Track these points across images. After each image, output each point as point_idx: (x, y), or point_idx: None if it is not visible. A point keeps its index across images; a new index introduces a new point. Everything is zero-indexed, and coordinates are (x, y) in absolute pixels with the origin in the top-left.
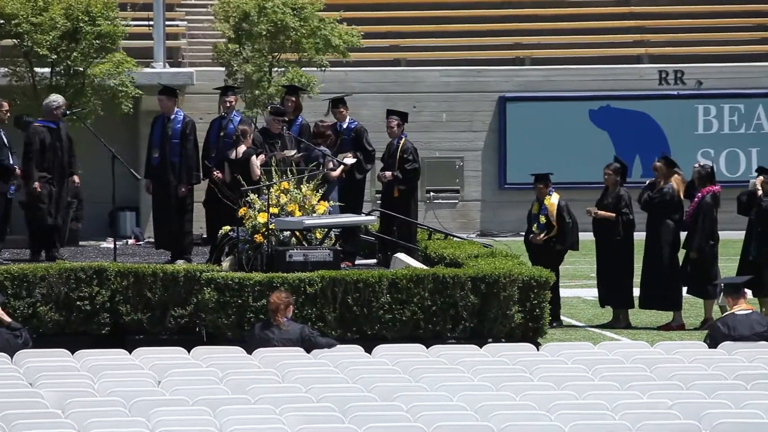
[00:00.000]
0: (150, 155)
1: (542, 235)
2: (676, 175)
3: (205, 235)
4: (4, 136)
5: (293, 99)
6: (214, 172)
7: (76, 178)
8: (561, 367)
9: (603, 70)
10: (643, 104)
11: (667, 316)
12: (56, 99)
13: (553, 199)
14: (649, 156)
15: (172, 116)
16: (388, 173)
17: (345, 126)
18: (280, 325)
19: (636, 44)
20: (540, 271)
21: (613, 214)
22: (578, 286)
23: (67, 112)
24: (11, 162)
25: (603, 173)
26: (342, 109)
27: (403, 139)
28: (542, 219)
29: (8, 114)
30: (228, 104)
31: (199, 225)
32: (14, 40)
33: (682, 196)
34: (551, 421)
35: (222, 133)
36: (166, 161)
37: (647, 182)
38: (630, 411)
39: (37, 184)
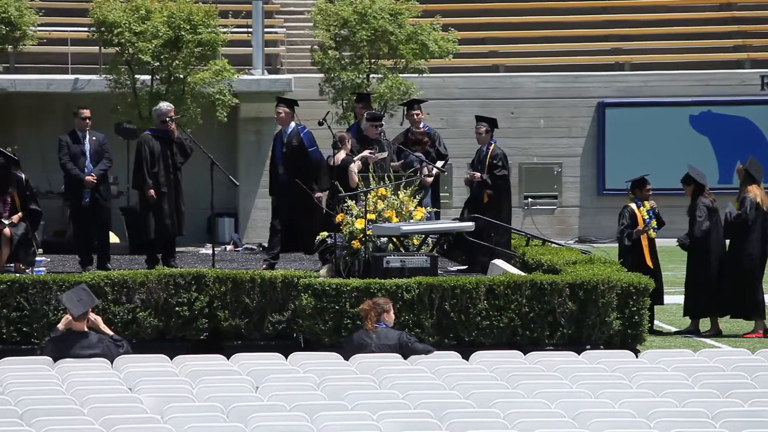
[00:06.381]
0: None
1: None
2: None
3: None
4: (87, 144)
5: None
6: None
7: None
8: (660, 375)
9: (704, 75)
10: (745, 110)
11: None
12: (160, 106)
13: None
14: None
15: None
16: (477, 174)
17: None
18: (371, 332)
19: (738, 49)
20: (639, 278)
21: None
22: (678, 293)
23: (166, 119)
24: (90, 169)
25: None
26: (417, 112)
27: (493, 145)
28: (654, 222)
29: (89, 122)
30: (276, 115)
31: None
32: (116, 48)
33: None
34: (650, 429)
35: (284, 150)
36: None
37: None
38: (730, 419)
39: (152, 191)
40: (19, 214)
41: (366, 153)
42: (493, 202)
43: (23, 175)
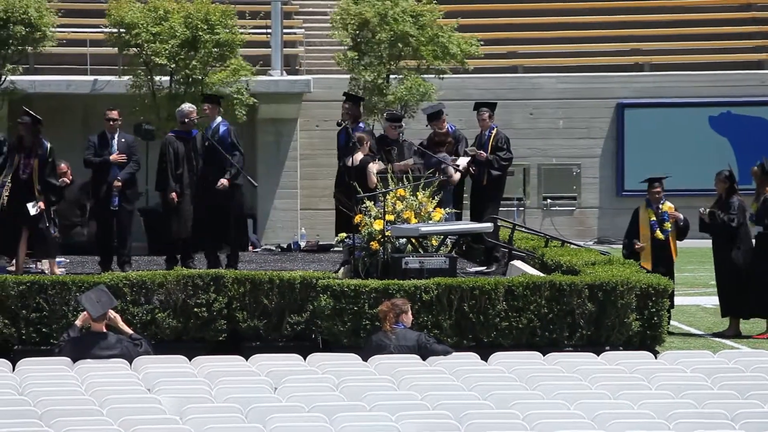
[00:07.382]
0: None
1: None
2: None
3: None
4: (115, 146)
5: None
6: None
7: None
8: (679, 376)
9: (723, 75)
10: (765, 110)
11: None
12: (182, 108)
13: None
14: None
15: None
16: (483, 153)
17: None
18: (390, 333)
19: (757, 50)
20: (658, 279)
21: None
22: (697, 294)
23: (185, 120)
24: (116, 172)
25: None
26: (442, 120)
27: (495, 129)
28: (668, 225)
29: (113, 123)
30: (201, 111)
31: (315, 232)
32: (134, 49)
33: None
34: (670, 430)
35: (207, 143)
36: None
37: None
38: (750, 420)
39: (173, 194)
40: (42, 203)
41: (410, 162)
42: (493, 184)
43: (48, 144)
